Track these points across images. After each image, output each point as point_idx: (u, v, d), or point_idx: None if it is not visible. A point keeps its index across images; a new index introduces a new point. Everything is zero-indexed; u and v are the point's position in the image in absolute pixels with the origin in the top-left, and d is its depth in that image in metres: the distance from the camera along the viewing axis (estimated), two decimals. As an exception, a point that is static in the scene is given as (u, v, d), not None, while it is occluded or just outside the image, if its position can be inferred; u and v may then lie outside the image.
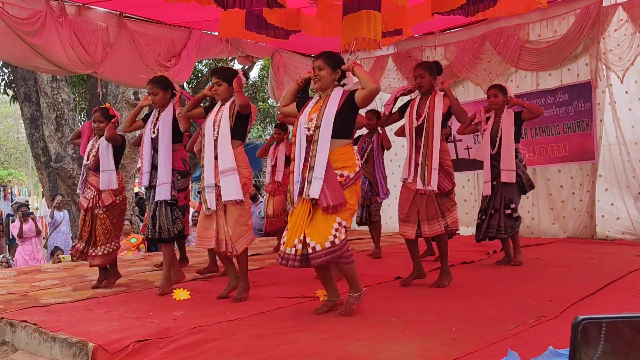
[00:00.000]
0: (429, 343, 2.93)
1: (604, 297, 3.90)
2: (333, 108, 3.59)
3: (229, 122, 4.16)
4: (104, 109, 5.20)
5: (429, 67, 4.59)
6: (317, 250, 3.47)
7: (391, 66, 8.92)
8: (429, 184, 4.41)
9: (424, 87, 4.57)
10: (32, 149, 11.65)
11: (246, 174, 4.22)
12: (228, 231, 4.14)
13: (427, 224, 4.45)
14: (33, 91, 11.20)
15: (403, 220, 4.56)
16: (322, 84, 3.71)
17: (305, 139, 3.65)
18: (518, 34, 7.56)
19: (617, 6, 6.82)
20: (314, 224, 3.53)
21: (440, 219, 4.45)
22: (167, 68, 7.17)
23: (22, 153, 32.57)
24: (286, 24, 5.65)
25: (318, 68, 3.70)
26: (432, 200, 4.45)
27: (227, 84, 4.27)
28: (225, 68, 4.52)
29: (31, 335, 3.58)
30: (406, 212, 4.53)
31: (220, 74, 4.32)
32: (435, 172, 4.40)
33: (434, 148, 4.43)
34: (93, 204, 5.03)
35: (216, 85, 4.29)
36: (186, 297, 4.34)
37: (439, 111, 4.46)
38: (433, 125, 4.44)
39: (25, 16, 5.88)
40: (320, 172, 3.52)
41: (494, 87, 5.53)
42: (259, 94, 17.55)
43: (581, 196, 7.30)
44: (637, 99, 6.93)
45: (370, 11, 4.73)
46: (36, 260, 10.20)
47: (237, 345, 3.03)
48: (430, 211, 4.45)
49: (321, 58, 3.73)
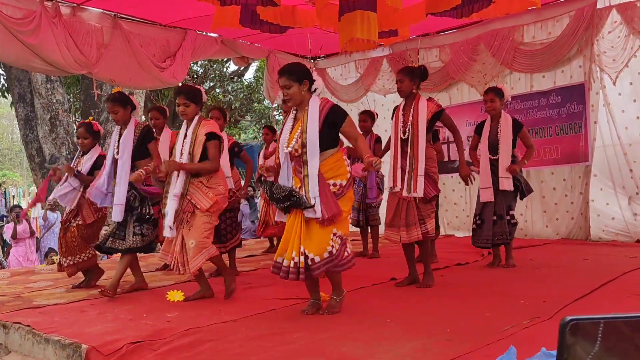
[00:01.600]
0: (423, 344, 2.93)
1: (598, 298, 3.91)
2: (315, 128, 3.58)
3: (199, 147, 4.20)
4: (88, 124, 5.17)
5: (409, 71, 4.56)
6: (317, 262, 3.50)
7: (386, 67, 8.93)
8: (414, 190, 4.42)
9: (403, 91, 4.57)
10: (26, 149, 11.59)
11: (221, 190, 4.28)
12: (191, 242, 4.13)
13: (406, 230, 4.48)
14: (27, 92, 11.15)
15: (388, 225, 4.61)
16: (294, 101, 3.67)
17: (290, 157, 3.67)
18: (512, 36, 7.58)
19: (612, 8, 6.84)
20: (311, 236, 3.55)
21: (419, 225, 4.47)
22: (162, 69, 7.16)
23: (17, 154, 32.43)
24: (281, 20, 5.63)
25: (285, 87, 3.65)
26: (413, 206, 4.48)
27: (194, 104, 4.23)
28: (191, 88, 4.36)
29: (24, 337, 3.56)
30: (391, 217, 4.57)
31: (187, 95, 4.22)
32: (421, 178, 4.42)
33: (419, 155, 4.44)
34: (69, 217, 5.09)
35: (183, 106, 4.21)
36: (180, 298, 4.33)
37: (423, 117, 4.46)
38: (418, 131, 4.45)
39: (20, 16, 5.87)
40: (314, 191, 3.53)
41: (490, 91, 5.36)
42: (254, 95, 17.53)
43: (574, 198, 7.32)
44: (631, 100, 6.96)
45: (365, 12, 4.74)
46: (30, 262, 10.16)
47: (232, 346, 3.03)
48: (410, 217, 4.48)
49: (284, 76, 3.65)
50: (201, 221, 4.19)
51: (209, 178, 4.25)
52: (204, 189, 4.22)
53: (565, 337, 1.10)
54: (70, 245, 5.02)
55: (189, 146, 4.22)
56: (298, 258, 3.52)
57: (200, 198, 4.20)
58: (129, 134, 4.67)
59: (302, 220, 3.57)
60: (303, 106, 3.68)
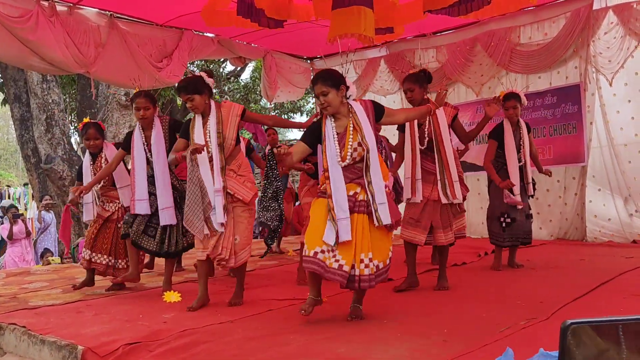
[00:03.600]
0: (420, 345, 2.93)
1: (595, 299, 3.91)
2: (371, 131, 3.49)
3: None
4: (97, 124, 5.12)
5: (417, 79, 4.41)
6: (380, 269, 3.48)
7: (383, 68, 8.92)
8: (454, 197, 4.39)
9: (415, 100, 4.42)
10: (22, 150, 11.56)
11: (252, 178, 4.16)
12: (235, 238, 4.02)
13: (443, 232, 4.42)
14: (23, 92, 11.13)
15: (413, 224, 4.44)
16: (332, 108, 3.51)
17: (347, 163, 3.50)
18: (509, 37, 7.59)
19: (608, 9, 6.86)
20: (376, 243, 3.47)
21: (453, 227, 4.45)
22: (159, 69, 7.14)
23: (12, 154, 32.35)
24: (277, 13, 5.59)
25: (322, 94, 3.48)
26: (447, 208, 4.44)
27: (199, 94, 4.03)
28: (190, 79, 4.13)
29: (20, 338, 3.55)
30: (417, 217, 4.43)
31: (187, 89, 4.02)
32: (457, 184, 4.40)
33: (449, 162, 4.39)
34: (117, 216, 5.00)
35: (189, 101, 4.04)
36: (177, 299, 4.33)
37: (444, 122, 4.40)
38: (442, 138, 4.38)
39: (17, 14, 5.84)
40: (382, 197, 3.46)
41: (512, 97, 5.20)
42: (251, 96, 17.51)
43: (569, 199, 7.32)
44: (626, 101, 6.98)
45: (362, 7, 4.70)
46: (26, 262, 10.14)
47: (229, 347, 3.02)
48: (445, 220, 4.43)
49: (319, 82, 3.50)
50: (245, 216, 4.06)
51: (239, 166, 4.09)
52: (238, 178, 4.06)
53: (567, 340, 1.11)
54: (122, 248, 4.97)
55: (215, 136, 3.99)
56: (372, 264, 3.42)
57: (239, 189, 4.03)
58: (159, 134, 4.58)
59: (364, 226, 3.45)
60: (342, 112, 3.54)
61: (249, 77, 18.22)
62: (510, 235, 5.27)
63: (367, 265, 3.41)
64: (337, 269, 3.38)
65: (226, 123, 4.06)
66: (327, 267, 3.39)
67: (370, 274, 3.41)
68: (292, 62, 9.19)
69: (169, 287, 4.62)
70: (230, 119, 4.07)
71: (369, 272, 3.40)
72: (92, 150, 5.09)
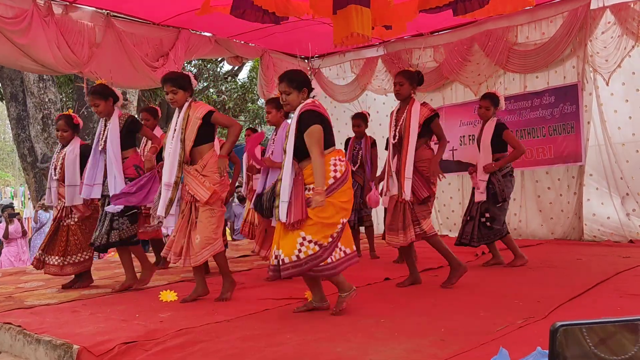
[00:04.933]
0: (417, 344, 2.92)
1: (592, 298, 3.91)
2: (291, 137, 3.65)
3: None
4: (68, 116, 5.13)
5: (409, 75, 4.57)
6: (285, 263, 3.54)
7: (380, 67, 8.93)
8: (403, 193, 4.43)
9: (401, 94, 4.57)
10: (18, 149, 11.53)
11: (217, 178, 4.14)
12: (196, 237, 4.08)
13: (403, 233, 4.48)
14: (19, 91, 11.09)
15: (388, 229, 4.61)
16: (290, 107, 3.73)
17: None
18: (506, 36, 7.59)
19: (605, 9, 6.86)
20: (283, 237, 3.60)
21: (414, 226, 4.46)
22: (154, 68, 7.12)
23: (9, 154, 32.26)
24: (276, 8, 5.58)
25: (285, 93, 3.70)
26: (408, 208, 4.48)
27: (183, 90, 4.17)
28: (179, 74, 4.33)
29: (15, 337, 3.53)
30: (389, 220, 4.58)
31: (174, 82, 4.16)
32: (408, 181, 4.41)
33: (407, 158, 4.43)
34: (63, 214, 5.02)
35: (172, 94, 4.17)
36: (173, 298, 4.31)
37: (415, 121, 4.46)
38: (408, 135, 4.45)
39: (12, 15, 5.82)
40: (285, 197, 3.57)
41: (487, 97, 5.45)
42: (248, 95, 17.49)
43: (569, 198, 7.34)
44: (623, 100, 6.99)
45: (359, 6, 4.73)
46: (22, 262, 10.11)
47: (225, 347, 3.01)
48: (407, 220, 4.48)
49: (285, 81, 3.70)
50: (204, 216, 4.11)
51: (203, 166, 4.13)
52: (199, 177, 4.10)
53: (556, 342, 1.11)
54: (72, 244, 4.96)
55: (180, 133, 4.13)
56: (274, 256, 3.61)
57: (197, 189, 4.09)
58: (115, 126, 4.71)
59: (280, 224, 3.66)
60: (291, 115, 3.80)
61: (246, 76, 18.21)
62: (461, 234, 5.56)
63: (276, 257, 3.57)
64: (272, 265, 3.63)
65: (189, 122, 4.15)
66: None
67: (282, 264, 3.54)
68: (289, 62, 9.17)
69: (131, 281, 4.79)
70: (192, 120, 4.15)
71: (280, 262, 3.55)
72: (60, 141, 5.16)
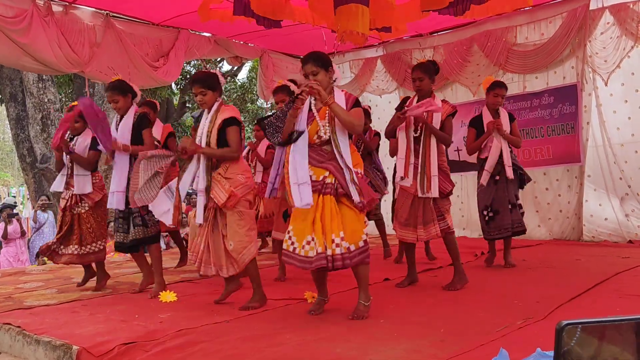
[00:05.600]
0: (417, 344, 2.92)
1: (592, 298, 3.91)
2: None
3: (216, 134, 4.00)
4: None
5: (427, 69, 4.40)
6: (352, 251, 3.46)
7: (380, 68, 8.92)
8: (429, 191, 4.32)
9: (423, 89, 4.40)
10: (17, 149, 11.52)
11: (241, 180, 3.98)
12: (230, 244, 3.92)
13: (424, 228, 4.38)
14: (19, 91, 11.09)
15: (403, 224, 4.46)
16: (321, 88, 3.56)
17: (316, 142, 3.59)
18: (506, 37, 7.59)
19: (604, 9, 6.86)
20: (347, 223, 3.48)
21: (437, 222, 4.37)
22: (155, 68, 7.12)
23: (8, 154, 32.23)
24: (273, 14, 5.57)
25: (312, 73, 3.56)
26: (429, 203, 4.38)
27: (212, 91, 4.02)
28: (208, 74, 4.13)
29: (15, 338, 3.53)
30: (406, 216, 4.43)
31: (204, 83, 4.02)
32: (435, 178, 4.32)
33: (431, 155, 4.34)
34: (71, 203, 4.94)
35: (200, 95, 4.02)
36: (173, 299, 4.31)
37: (438, 117, 4.36)
38: (431, 132, 4.35)
39: (12, 14, 5.82)
40: (353, 177, 3.50)
41: (501, 86, 5.33)
42: (248, 95, 17.50)
43: (567, 198, 7.33)
44: (622, 101, 6.99)
45: (359, 5, 4.70)
46: (20, 262, 10.10)
47: (225, 347, 3.01)
48: (427, 215, 4.38)
49: (310, 62, 3.58)
50: (232, 220, 3.93)
51: (226, 168, 3.99)
52: (222, 181, 3.96)
53: (562, 341, 1.10)
54: (86, 233, 4.90)
55: (205, 135, 4.00)
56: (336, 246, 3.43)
57: (217, 192, 3.96)
58: (128, 121, 4.65)
59: (330, 209, 3.47)
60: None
61: (245, 76, 18.21)
62: (496, 228, 5.29)
63: (338, 245, 3.43)
64: (316, 255, 3.44)
65: (215, 125, 4.03)
66: (312, 259, 3.45)
67: (342, 252, 3.43)
68: (289, 62, 9.17)
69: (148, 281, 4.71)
70: (217, 123, 4.04)
71: (341, 251, 3.43)
72: (72, 132, 5.07)
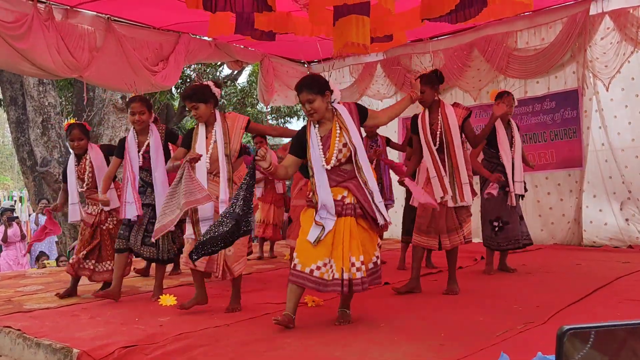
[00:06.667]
0: (416, 349, 2.92)
1: (592, 303, 3.91)
2: (357, 132, 3.48)
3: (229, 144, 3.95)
4: (81, 125, 5.05)
5: (428, 80, 4.33)
6: (371, 269, 3.49)
7: (380, 72, 8.94)
8: (462, 200, 4.33)
9: (426, 101, 4.38)
10: (17, 153, 11.52)
11: None
12: (229, 250, 3.88)
13: (448, 237, 4.38)
14: (19, 94, 11.09)
15: (424, 232, 4.44)
16: (318, 115, 3.47)
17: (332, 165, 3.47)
18: (506, 42, 7.61)
19: (604, 15, 6.88)
20: (365, 244, 3.46)
21: (460, 230, 4.40)
22: (154, 72, 7.12)
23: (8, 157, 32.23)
24: (274, 26, 5.62)
25: (308, 102, 3.44)
26: (452, 211, 4.39)
27: (204, 103, 3.92)
28: (196, 87, 4.00)
29: (15, 341, 3.53)
30: (428, 223, 4.42)
31: (192, 97, 3.91)
32: (466, 186, 4.34)
33: (459, 164, 4.33)
34: (100, 219, 4.89)
35: (193, 110, 3.92)
36: (172, 302, 4.30)
37: (454, 123, 4.32)
38: (452, 139, 4.32)
39: (12, 19, 5.82)
40: (379, 197, 3.48)
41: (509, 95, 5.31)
42: (248, 100, 17.50)
43: (569, 203, 7.34)
44: (623, 106, 7.01)
45: (359, 16, 4.72)
46: (20, 266, 10.09)
47: (224, 351, 3.01)
48: (451, 223, 4.38)
49: (305, 90, 3.45)
50: None
51: (240, 178, 3.93)
52: (234, 188, 3.90)
53: (563, 346, 1.10)
54: (108, 249, 4.85)
55: (222, 147, 3.92)
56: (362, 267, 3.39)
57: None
58: (157, 140, 4.57)
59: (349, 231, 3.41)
60: (327, 117, 3.51)
61: (245, 81, 18.22)
62: (505, 239, 5.25)
63: (359, 269, 3.39)
64: (332, 280, 3.38)
65: (232, 134, 3.99)
66: (328, 282, 3.39)
67: (362, 277, 3.40)
68: (289, 66, 9.19)
69: (159, 293, 4.58)
70: (235, 131, 4.00)
71: (361, 275, 3.39)
72: (76, 151, 4.98)
